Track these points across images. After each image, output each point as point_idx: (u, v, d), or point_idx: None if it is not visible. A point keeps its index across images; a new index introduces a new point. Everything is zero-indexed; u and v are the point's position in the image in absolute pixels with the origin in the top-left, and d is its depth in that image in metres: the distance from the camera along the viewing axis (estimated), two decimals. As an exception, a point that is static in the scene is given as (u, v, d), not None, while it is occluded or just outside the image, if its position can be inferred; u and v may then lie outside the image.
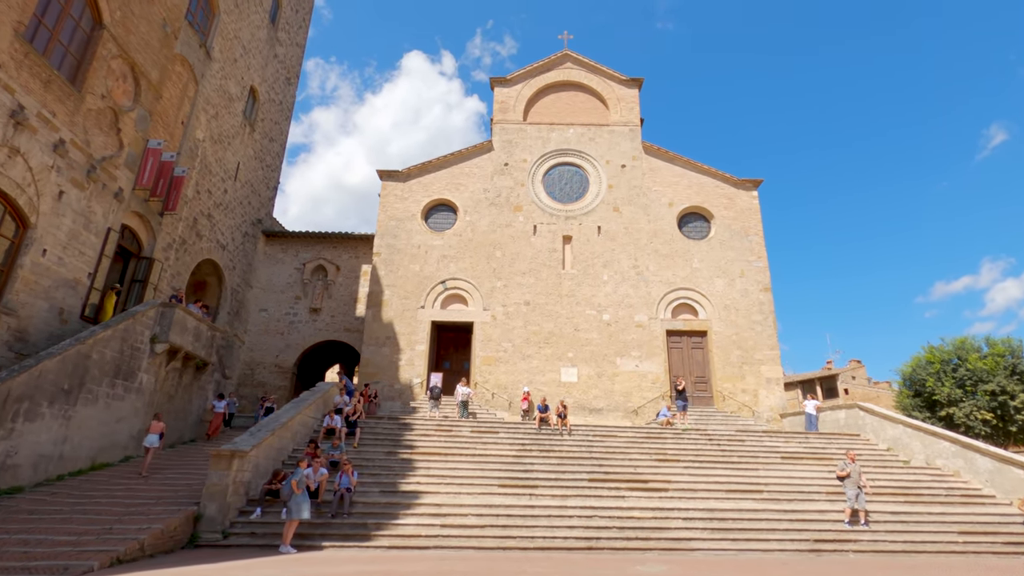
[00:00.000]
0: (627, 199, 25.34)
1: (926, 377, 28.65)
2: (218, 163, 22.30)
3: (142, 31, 17.08)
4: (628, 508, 12.36)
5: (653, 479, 14.10)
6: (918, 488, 14.39)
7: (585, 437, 16.84)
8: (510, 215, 25.12)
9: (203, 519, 10.19)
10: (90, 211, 15.17)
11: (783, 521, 12.23)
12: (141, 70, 17.12)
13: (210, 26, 21.53)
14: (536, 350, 23.10)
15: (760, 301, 23.50)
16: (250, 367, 25.11)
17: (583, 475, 14.10)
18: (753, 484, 14.11)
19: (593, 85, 27.49)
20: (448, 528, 11.08)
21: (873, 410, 18.29)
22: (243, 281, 24.92)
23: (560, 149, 26.36)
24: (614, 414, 22.06)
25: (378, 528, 10.93)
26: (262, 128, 26.39)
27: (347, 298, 26.25)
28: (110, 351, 13.30)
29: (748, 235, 24.61)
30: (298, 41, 30.42)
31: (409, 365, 22.93)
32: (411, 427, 16.84)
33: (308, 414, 15.42)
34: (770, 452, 16.43)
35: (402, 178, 25.77)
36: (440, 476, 13.57)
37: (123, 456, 13.94)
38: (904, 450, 16.83)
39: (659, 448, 16.19)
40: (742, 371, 22.59)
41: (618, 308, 23.61)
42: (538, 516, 11.78)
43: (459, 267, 24.32)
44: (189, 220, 20.40)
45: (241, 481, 11.05)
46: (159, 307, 15.14)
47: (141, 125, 17.27)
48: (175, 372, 16.24)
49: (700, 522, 11.98)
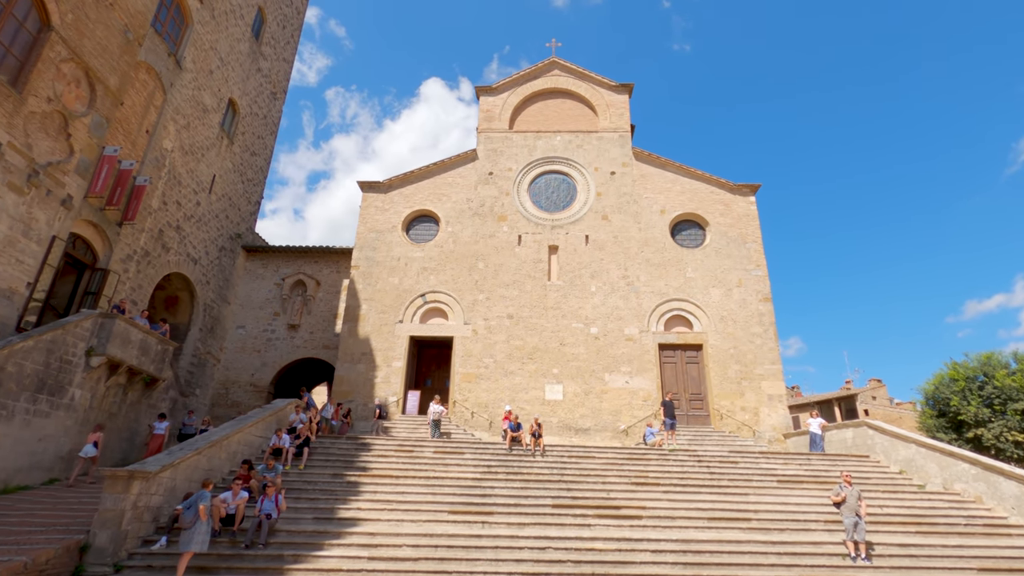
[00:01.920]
0: (617, 207, 24.11)
1: (950, 396, 26.47)
2: (189, 174, 21.68)
3: (98, 35, 16.58)
4: (591, 539, 10.82)
5: (626, 505, 12.53)
6: (933, 516, 12.58)
7: (559, 458, 15.33)
8: (494, 225, 24.04)
9: (91, 550, 8.96)
10: (30, 217, 14.41)
11: (770, 555, 10.58)
12: (97, 75, 16.57)
13: (182, 36, 21.14)
14: (519, 366, 21.71)
15: (760, 312, 21.88)
16: (224, 386, 24.11)
17: (547, 501, 12.60)
18: (741, 511, 12.45)
19: (581, 92, 26.59)
20: (375, 561, 9.68)
21: (883, 428, 16.47)
22: (219, 297, 24.09)
23: (547, 157, 25.35)
24: (602, 434, 20.46)
25: (295, 561, 9.58)
26: (243, 141, 25.89)
27: (327, 314, 25.25)
28: (31, 363, 12.33)
29: (746, 242, 23.12)
30: (285, 57, 30.18)
31: (385, 383, 21.69)
32: (370, 447, 15.51)
33: (253, 432, 14.22)
34: (765, 475, 14.72)
35: (383, 189, 24.94)
36: (386, 501, 12.20)
37: (47, 478, 12.85)
38: (918, 473, 14.97)
39: (639, 471, 14.60)
40: (741, 387, 20.87)
41: (607, 321, 22.17)
42: (484, 548, 10.32)
43: (440, 279, 23.21)
44: (154, 231, 19.68)
45: (146, 506, 9.84)
46: (97, 317, 14.20)
47: (96, 131, 16.65)
48: (118, 388, 15.23)
49: (671, 555, 10.39)
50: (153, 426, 14.98)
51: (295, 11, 31.10)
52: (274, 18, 28.54)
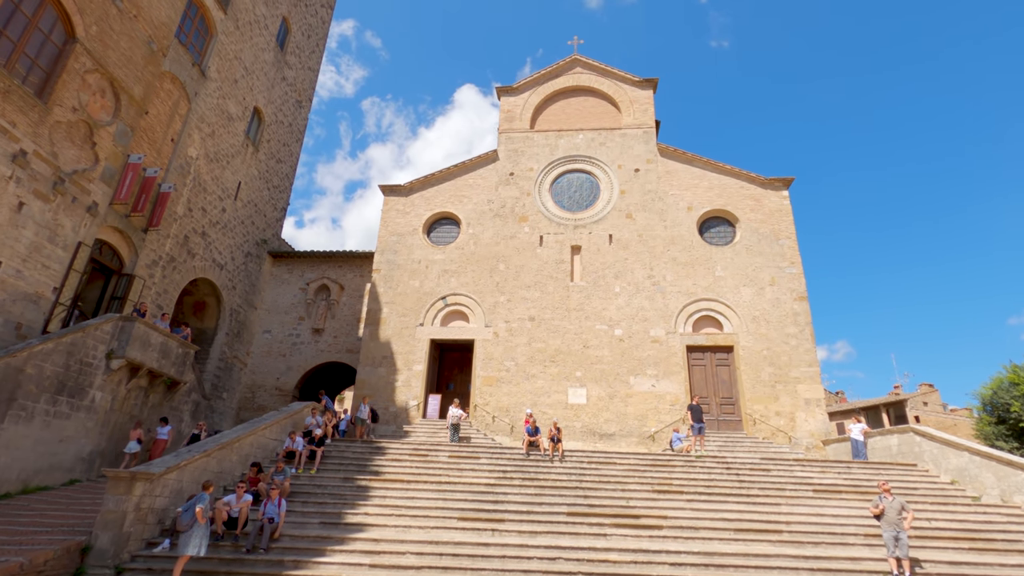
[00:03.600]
0: (641, 205, 23.36)
1: (1010, 401, 24.52)
2: (214, 181, 22.08)
3: (122, 47, 17.01)
4: (605, 549, 10.20)
5: (647, 514, 11.83)
6: (989, 531, 11.43)
7: (578, 464, 14.71)
8: (515, 226, 23.63)
9: (92, 551, 8.91)
10: (56, 224, 14.78)
11: (801, 571, 9.73)
12: (121, 85, 16.98)
13: (206, 46, 21.60)
14: (541, 369, 21.16)
15: (795, 312, 20.73)
16: (251, 390, 24.39)
17: (562, 508, 12.03)
18: (771, 522, 11.59)
19: (604, 89, 25.97)
20: (377, 569, 9.32)
21: (932, 435, 15.22)
22: (245, 302, 24.43)
23: (569, 156, 24.82)
24: (627, 440, 19.69)
25: (295, 567, 9.30)
26: (268, 149, 26.30)
27: (350, 318, 25.29)
28: (51, 365, 12.54)
29: (779, 239, 22.01)
30: (310, 65, 30.64)
31: (406, 386, 21.48)
32: (384, 451, 15.25)
33: (267, 435, 14.15)
34: (800, 484, 13.76)
35: (404, 192, 24.88)
36: (395, 507, 11.87)
37: (67, 479, 13.04)
38: (972, 483, 13.71)
39: (663, 478, 13.85)
40: (775, 391, 19.77)
41: (632, 322, 21.42)
42: (491, 556, 9.84)
43: (460, 282, 22.92)
44: (179, 237, 20.05)
45: (150, 508, 9.76)
46: (117, 320, 14.42)
47: (121, 140, 17.04)
48: (139, 391, 15.43)
49: (692, 568, 9.67)
50: (156, 431, 15.08)
51: (320, 21, 31.58)
52: (299, 28, 29.00)
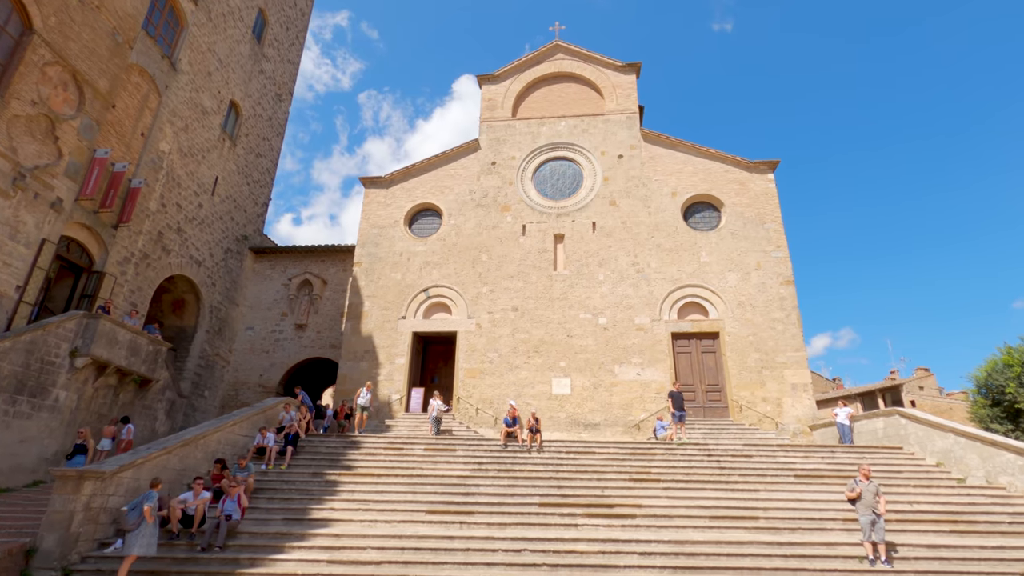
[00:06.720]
0: (625, 191, 22.98)
1: (1005, 383, 24.20)
2: (189, 176, 21.70)
3: (85, 38, 16.60)
4: (574, 540, 9.91)
5: (621, 503, 11.54)
6: (971, 513, 11.12)
7: (556, 454, 14.43)
8: (497, 216, 23.26)
9: (37, 553, 8.62)
10: (18, 220, 14.43)
11: (774, 557, 9.43)
12: (85, 78, 16.59)
13: (177, 38, 21.17)
14: (525, 360, 20.85)
15: (781, 296, 20.39)
16: (234, 387, 24.10)
17: (535, 499, 11.73)
18: (748, 509, 11.29)
19: (586, 75, 25.53)
20: (335, 565, 9.03)
21: (918, 417, 14.91)
22: (226, 299, 24.11)
23: (551, 143, 24.41)
24: (612, 429, 19.39)
25: (251, 565, 9.02)
26: (246, 143, 25.90)
27: (334, 313, 24.96)
28: (9, 364, 12.24)
29: (764, 223, 21.64)
30: (290, 58, 30.17)
31: (388, 380, 21.19)
32: (360, 445, 14.96)
33: (237, 431, 13.85)
34: (781, 469, 13.46)
35: (385, 184, 24.51)
36: (363, 501, 11.58)
37: (31, 480, 12.75)
38: (958, 465, 13.40)
39: (641, 467, 13.55)
40: (762, 377, 19.46)
41: (616, 310, 21.08)
42: (455, 550, 9.55)
43: (443, 273, 22.58)
44: (152, 234, 19.70)
45: (102, 507, 9.47)
46: (81, 317, 14.10)
47: (86, 134, 16.66)
48: (108, 389, 15.13)
49: (661, 558, 9.38)
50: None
51: (299, 12, 31.09)
52: (276, 20, 28.52)
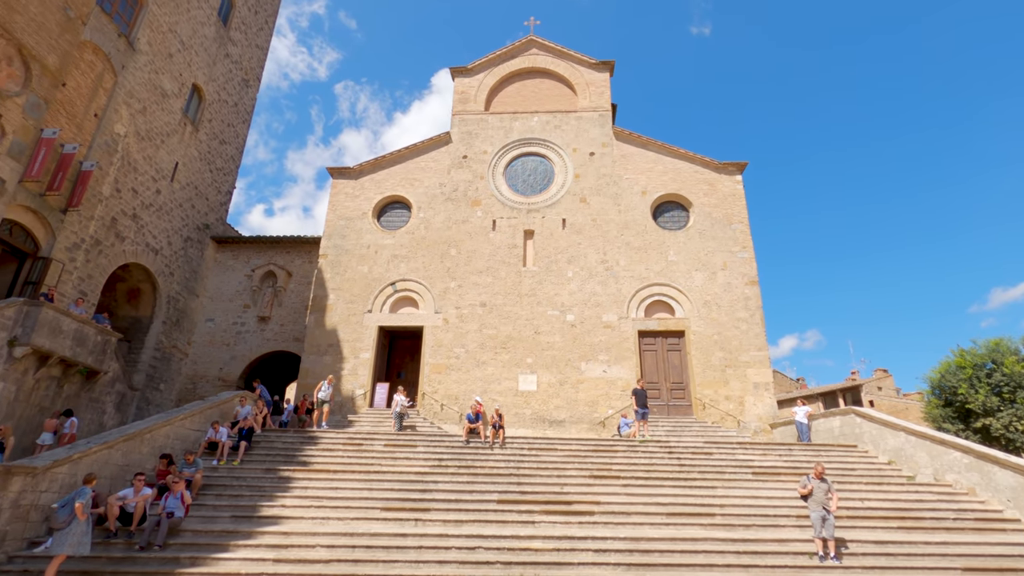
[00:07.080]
0: (596, 189, 22.97)
1: (957, 384, 25.10)
2: (147, 161, 20.89)
3: (32, 12, 15.76)
4: (529, 537, 9.79)
5: (580, 500, 11.48)
6: (918, 510, 11.39)
7: (518, 451, 14.31)
8: (467, 210, 23.01)
9: (-42, 552, 8.12)
10: (-47, 202, 13.66)
11: (727, 554, 9.48)
12: (32, 53, 15.76)
13: (135, 17, 20.32)
14: (492, 356, 20.68)
15: (745, 296, 20.65)
16: (192, 381, 23.35)
17: (494, 496, 11.59)
18: (705, 506, 11.36)
19: (560, 71, 25.44)
20: (281, 564, 8.73)
21: (872, 416, 15.25)
22: (185, 289, 23.32)
23: (524, 139, 24.26)
24: (578, 426, 19.39)
25: (191, 564, 8.66)
26: (210, 129, 25.08)
27: (299, 306, 24.37)
28: (-61, 353, 11.54)
29: (731, 223, 21.89)
30: (259, 43, 29.33)
31: (352, 375, 20.78)
32: (317, 441, 14.60)
33: (187, 425, 13.36)
34: (740, 467, 13.59)
35: (354, 175, 24.02)
36: (316, 498, 11.27)
37: (-37, 476, 12.05)
38: (908, 463, 13.74)
39: (602, 464, 13.53)
40: (725, 375, 19.69)
41: (584, 307, 21.07)
42: (407, 548, 9.34)
43: (411, 267, 22.24)
44: (105, 219, 18.89)
45: (33, 505, 8.97)
46: (21, 305, 13.40)
47: (32, 112, 15.84)
48: (50, 381, 14.44)
49: (615, 555, 9.33)
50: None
51: (269, -4, 30.22)
52: (244, 3, 27.66)
